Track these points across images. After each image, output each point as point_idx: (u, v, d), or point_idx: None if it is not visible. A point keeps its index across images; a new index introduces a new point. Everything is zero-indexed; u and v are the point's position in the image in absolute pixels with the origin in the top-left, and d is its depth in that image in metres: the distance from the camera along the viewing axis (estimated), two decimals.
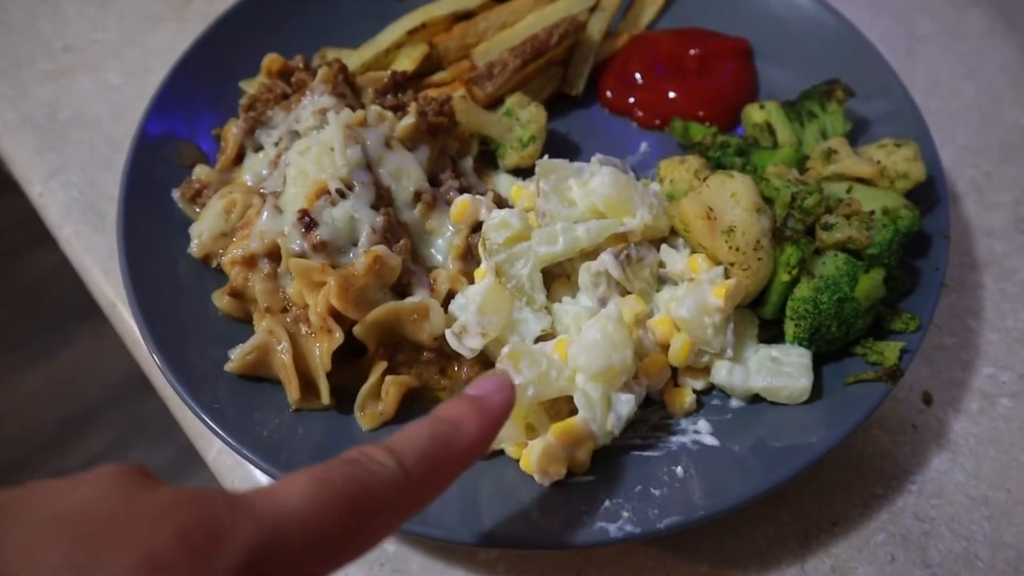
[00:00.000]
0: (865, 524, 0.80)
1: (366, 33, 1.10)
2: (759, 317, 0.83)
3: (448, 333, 0.79)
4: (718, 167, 0.91)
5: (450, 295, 0.84)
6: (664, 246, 0.84)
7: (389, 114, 0.92)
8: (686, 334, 0.78)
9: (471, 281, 0.85)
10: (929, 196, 0.89)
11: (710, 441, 0.77)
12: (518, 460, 0.75)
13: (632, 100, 1.06)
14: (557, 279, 0.85)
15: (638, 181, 0.85)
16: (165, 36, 1.23)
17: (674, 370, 0.81)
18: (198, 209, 0.92)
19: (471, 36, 1.08)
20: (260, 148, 0.97)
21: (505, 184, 0.98)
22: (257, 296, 0.83)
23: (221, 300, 0.85)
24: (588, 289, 0.81)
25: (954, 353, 0.92)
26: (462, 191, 0.91)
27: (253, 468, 0.83)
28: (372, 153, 0.88)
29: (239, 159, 0.97)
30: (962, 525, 0.80)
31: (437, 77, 1.07)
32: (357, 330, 0.79)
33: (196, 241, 0.88)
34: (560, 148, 1.03)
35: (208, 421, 0.75)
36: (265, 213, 0.85)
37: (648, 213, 0.81)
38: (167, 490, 0.43)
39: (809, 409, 0.78)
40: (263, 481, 0.83)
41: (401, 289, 0.84)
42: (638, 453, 0.76)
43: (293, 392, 0.77)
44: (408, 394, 0.80)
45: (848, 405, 0.76)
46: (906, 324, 0.81)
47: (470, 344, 0.78)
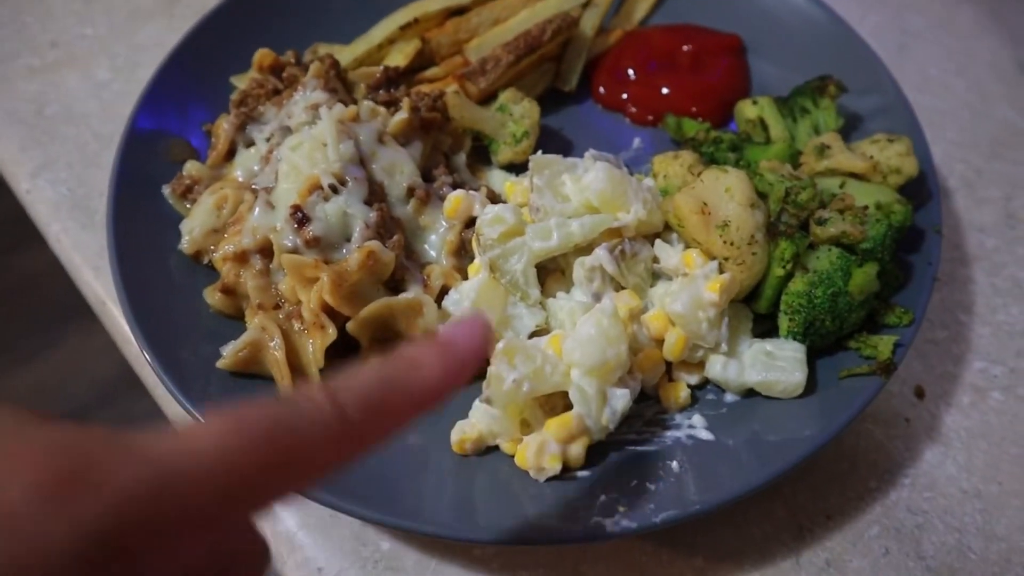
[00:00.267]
0: (859, 517, 0.80)
1: (358, 28, 1.09)
2: (753, 312, 0.83)
3: (442, 329, 0.79)
4: (711, 163, 0.91)
5: (444, 291, 0.84)
6: (658, 241, 0.84)
7: (382, 109, 0.92)
8: (681, 329, 0.78)
9: (465, 277, 0.85)
10: (921, 191, 0.90)
11: (705, 435, 0.77)
12: (513, 456, 0.75)
13: (625, 96, 1.06)
14: (551, 274, 0.85)
15: (632, 176, 0.85)
16: (154, 31, 1.22)
17: (669, 365, 0.81)
18: (189, 205, 0.91)
19: (464, 32, 1.08)
20: (251, 144, 0.96)
21: (498, 180, 0.97)
22: (249, 292, 0.82)
23: (213, 297, 0.84)
24: (583, 284, 0.81)
25: (946, 347, 0.92)
26: (455, 187, 0.91)
27: None
28: (365, 149, 0.87)
29: (230, 155, 0.96)
30: (955, 518, 0.80)
31: (430, 73, 1.07)
32: (350, 326, 0.79)
33: (187, 237, 0.88)
34: (553, 144, 1.02)
35: (200, 419, 0.74)
36: (257, 209, 0.85)
37: (642, 208, 0.81)
38: (50, 428, 0.39)
39: (803, 403, 0.78)
40: None
41: (395, 285, 0.84)
42: (633, 448, 0.76)
43: (286, 389, 0.77)
44: None
45: (842, 399, 0.77)
46: (899, 318, 0.81)
47: None
